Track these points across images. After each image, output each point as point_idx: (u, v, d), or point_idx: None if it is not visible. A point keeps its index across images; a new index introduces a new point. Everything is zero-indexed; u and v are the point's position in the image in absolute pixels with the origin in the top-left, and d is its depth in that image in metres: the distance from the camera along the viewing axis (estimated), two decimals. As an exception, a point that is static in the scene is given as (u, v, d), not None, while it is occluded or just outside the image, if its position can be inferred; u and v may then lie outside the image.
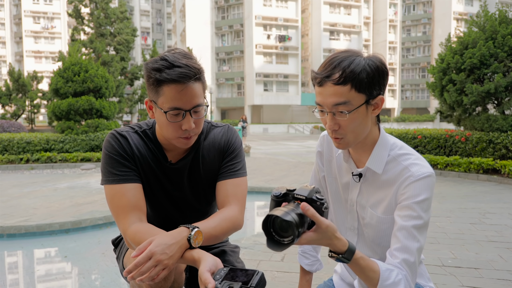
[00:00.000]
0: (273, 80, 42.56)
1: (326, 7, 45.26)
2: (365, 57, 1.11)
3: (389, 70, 29.52)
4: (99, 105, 11.95)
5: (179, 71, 1.17)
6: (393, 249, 1.10)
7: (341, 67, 1.08)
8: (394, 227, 1.13)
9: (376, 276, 1.03)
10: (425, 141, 8.98)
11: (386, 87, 1.16)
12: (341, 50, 1.15)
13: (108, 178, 1.29)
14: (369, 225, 1.22)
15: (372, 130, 1.20)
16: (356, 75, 1.07)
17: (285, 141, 23.65)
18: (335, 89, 1.08)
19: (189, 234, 1.14)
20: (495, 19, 8.28)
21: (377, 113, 1.18)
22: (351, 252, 1.00)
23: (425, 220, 1.11)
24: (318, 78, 1.11)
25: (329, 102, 1.10)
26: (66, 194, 6.19)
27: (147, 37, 61.27)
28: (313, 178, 1.48)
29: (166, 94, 1.19)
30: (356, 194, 1.27)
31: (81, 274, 3.28)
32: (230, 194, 1.36)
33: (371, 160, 1.19)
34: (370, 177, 1.22)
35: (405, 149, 1.20)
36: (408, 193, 1.12)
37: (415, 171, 1.13)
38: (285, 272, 2.86)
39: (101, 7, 29.07)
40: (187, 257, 1.12)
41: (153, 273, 1.06)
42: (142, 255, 1.06)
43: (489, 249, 3.39)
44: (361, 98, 1.10)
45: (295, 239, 0.90)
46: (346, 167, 1.29)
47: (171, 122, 1.22)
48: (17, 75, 27.86)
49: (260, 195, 6.39)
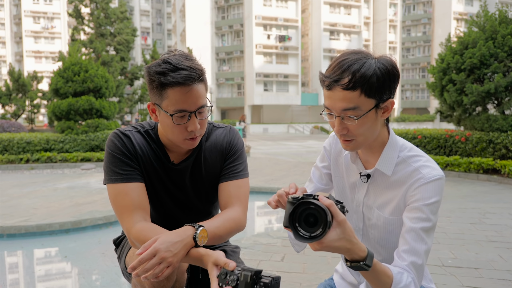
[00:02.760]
0: (273, 80, 42.56)
1: (326, 7, 45.24)
2: (375, 59, 1.07)
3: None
4: (99, 105, 11.95)
5: (184, 73, 1.18)
6: (401, 250, 1.09)
7: (351, 71, 1.04)
8: (402, 229, 1.12)
9: (389, 281, 1.01)
10: (425, 141, 8.98)
11: (396, 90, 1.14)
12: (351, 51, 1.10)
13: (111, 177, 1.29)
14: (375, 226, 1.22)
15: (381, 132, 1.18)
16: (366, 81, 1.04)
17: (285, 141, 23.64)
18: (344, 94, 1.05)
19: (194, 232, 1.15)
20: (495, 19, 8.28)
21: (387, 116, 1.16)
22: (371, 257, 0.95)
23: (434, 223, 1.10)
24: (327, 81, 1.08)
25: (338, 107, 1.08)
26: (66, 194, 6.19)
27: (147, 37, 61.26)
28: (314, 174, 1.45)
29: (171, 97, 1.19)
30: (363, 194, 1.26)
31: (81, 274, 3.28)
32: (232, 195, 1.36)
33: (380, 162, 1.18)
34: (378, 178, 1.21)
35: (414, 151, 1.19)
36: (419, 195, 1.11)
37: (426, 173, 1.12)
38: (285, 272, 2.86)
39: (101, 7, 29.07)
40: (193, 255, 1.13)
41: (157, 271, 1.06)
42: (147, 252, 1.06)
43: (489, 249, 3.39)
44: (370, 103, 1.07)
45: (324, 233, 0.85)
46: (353, 167, 1.28)
47: (177, 125, 1.23)
48: (17, 75, 27.86)
49: (260, 195, 6.39)
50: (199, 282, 1.55)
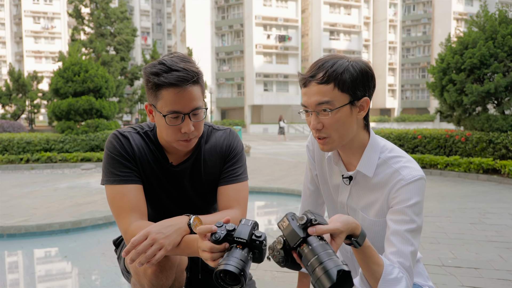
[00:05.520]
0: (273, 80, 42.55)
1: (326, 7, 45.24)
2: (349, 60, 1.14)
3: (389, 70, 29.48)
4: (99, 105, 11.94)
5: (177, 74, 1.18)
6: (388, 253, 1.10)
7: (325, 67, 1.11)
8: (387, 231, 1.14)
9: (380, 270, 1.03)
10: (425, 141, 8.98)
11: (372, 89, 1.16)
12: (328, 54, 1.18)
13: (109, 178, 1.30)
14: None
15: (360, 133, 1.20)
16: (338, 75, 1.10)
17: (285, 141, 23.64)
18: (319, 88, 1.11)
19: (188, 220, 1.18)
20: (495, 19, 8.28)
21: (363, 115, 1.17)
22: (363, 236, 1.00)
23: (418, 224, 1.11)
24: (304, 79, 1.15)
25: (313, 101, 1.12)
26: (66, 194, 6.19)
27: (147, 37, 61.25)
28: (307, 177, 1.49)
29: (165, 98, 1.20)
30: (346, 196, 1.27)
31: (81, 274, 3.28)
32: (232, 199, 1.37)
33: (361, 163, 1.19)
34: (360, 180, 1.22)
35: (395, 152, 1.20)
36: (400, 197, 1.12)
37: (406, 174, 1.13)
38: (285, 272, 2.86)
39: (101, 7, 29.05)
40: (187, 240, 1.16)
41: (149, 252, 1.08)
42: (139, 234, 1.10)
43: (489, 249, 3.39)
44: (344, 98, 1.11)
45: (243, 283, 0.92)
46: (336, 169, 1.29)
47: (170, 126, 1.23)
48: (17, 75, 27.83)
49: (260, 195, 6.39)
50: (199, 282, 1.55)
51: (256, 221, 1.04)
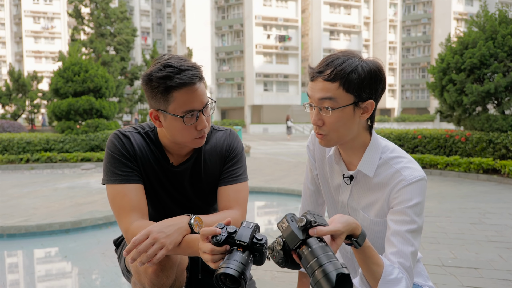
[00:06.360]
0: (273, 80, 42.54)
1: (326, 7, 45.23)
2: (361, 59, 1.11)
3: (389, 70, 29.38)
4: (99, 105, 11.94)
5: (190, 73, 1.19)
6: (389, 253, 1.10)
7: (334, 64, 1.10)
8: (387, 232, 1.13)
9: (380, 270, 1.03)
10: (425, 141, 8.98)
11: (380, 93, 1.14)
12: (341, 50, 1.16)
13: (110, 177, 1.30)
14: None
15: (362, 134, 1.19)
16: (346, 74, 1.08)
17: (285, 141, 23.64)
18: (324, 84, 1.10)
19: (189, 220, 1.19)
20: (495, 19, 8.28)
21: (366, 118, 1.16)
22: (363, 237, 1.00)
23: (419, 225, 1.11)
24: (312, 73, 1.15)
25: (316, 96, 1.12)
26: (66, 194, 6.19)
27: (147, 37, 61.24)
28: (307, 177, 1.49)
29: (178, 99, 1.20)
30: (347, 196, 1.27)
31: (81, 274, 3.28)
32: (231, 199, 1.38)
33: (362, 163, 1.19)
34: (361, 180, 1.22)
35: (396, 152, 1.20)
36: (401, 197, 1.12)
37: (407, 174, 1.13)
38: (285, 272, 2.86)
39: (101, 7, 29.04)
40: (188, 239, 1.16)
41: (151, 252, 1.08)
42: (140, 233, 1.10)
43: (489, 249, 3.39)
44: (348, 98, 1.10)
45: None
46: (337, 169, 1.29)
47: (187, 126, 1.24)
48: (17, 75, 27.83)
49: (260, 195, 6.39)
50: (199, 281, 1.55)
51: (257, 224, 1.05)
